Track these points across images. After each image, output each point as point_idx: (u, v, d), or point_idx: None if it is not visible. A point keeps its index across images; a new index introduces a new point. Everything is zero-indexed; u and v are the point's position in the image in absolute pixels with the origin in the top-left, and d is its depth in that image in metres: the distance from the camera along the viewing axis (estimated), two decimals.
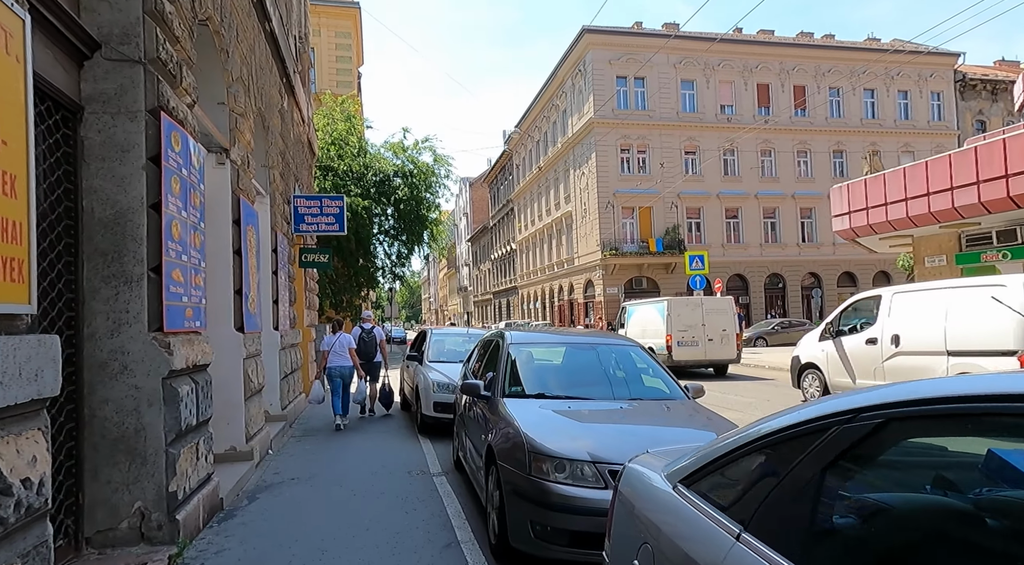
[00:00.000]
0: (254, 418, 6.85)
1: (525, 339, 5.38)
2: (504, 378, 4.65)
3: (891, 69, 39.78)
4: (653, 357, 5.18)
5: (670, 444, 3.43)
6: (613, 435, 3.64)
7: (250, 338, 6.84)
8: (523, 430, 3.73)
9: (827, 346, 10.76)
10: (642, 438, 3.52)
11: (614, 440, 3.53)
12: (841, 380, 10.30)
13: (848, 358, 10.18)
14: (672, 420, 4.07)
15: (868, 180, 16.92)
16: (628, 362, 5.05)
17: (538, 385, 4.67)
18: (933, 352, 8.83)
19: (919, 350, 9.06)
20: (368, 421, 10.35)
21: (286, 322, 9.76)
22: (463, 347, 9.91)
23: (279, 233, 9.51)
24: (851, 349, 10.19)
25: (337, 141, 27.97)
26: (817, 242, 39.52)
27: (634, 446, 3.39)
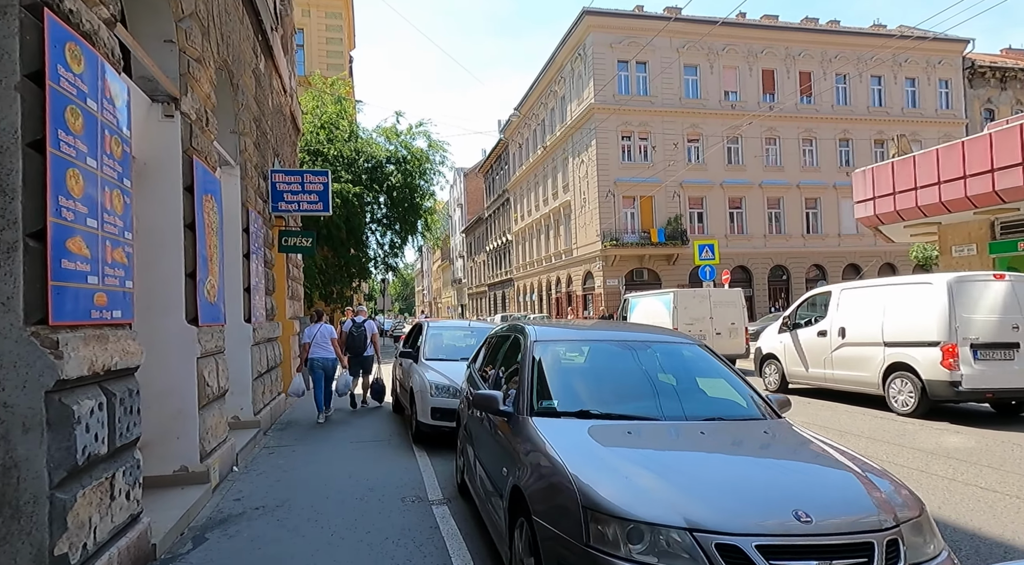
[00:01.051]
0: (213, 430, 5.61)
1: (553, 335, 4.18)
2: (531, 389, 3.44)
3: (899, 55, 38.65)
4: (716, 355, 3.98)
5: (809, 499, 2.24)
6: (715, 482, 2.40)
7: (208, 332, 5.60)
8: (570, 470, 2.52)
9: (785, 338, 11.47)
10: (763, 488, 2.35)
11: (720, 491, 2.30)
12: (796, 369, 11.13)
13: (802, 349, 10.93)
14: (783, 453, 2.85)
15: (896, 163, 15.76)
16: (688, 365, 3.85)
17: (578, 398, 3.45)
18: (873, 343, 9.70)
19: (861, 341, 9.91)
20: (358, 418, 9.21)
21: (260, 313, 8.51)
22: (464, 342, 8.70)
23: (252, 211, 8.24)
24: (805, 340, 10.94)
25: (327, 125, 26.59)
26: (822, 233, 38.47)
27: (758, 503, 2.20)
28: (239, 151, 7.83)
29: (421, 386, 7.16)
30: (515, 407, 3.42)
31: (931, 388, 8.69)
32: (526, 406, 3.35)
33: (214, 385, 5.67)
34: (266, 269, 9.20)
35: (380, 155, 27.99)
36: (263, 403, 8.40)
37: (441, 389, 6.97)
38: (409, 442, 7.37)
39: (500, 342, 5.02)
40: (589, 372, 3.79)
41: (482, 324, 9.51)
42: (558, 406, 3.37)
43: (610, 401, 3.41)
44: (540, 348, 3.83)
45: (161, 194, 5.21)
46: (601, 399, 3.44)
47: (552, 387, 3.57)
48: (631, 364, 3.70)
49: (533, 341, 3.89)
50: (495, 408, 3.45)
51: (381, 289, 37.26)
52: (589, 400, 3.44)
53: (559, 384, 3.63)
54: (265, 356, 8.67)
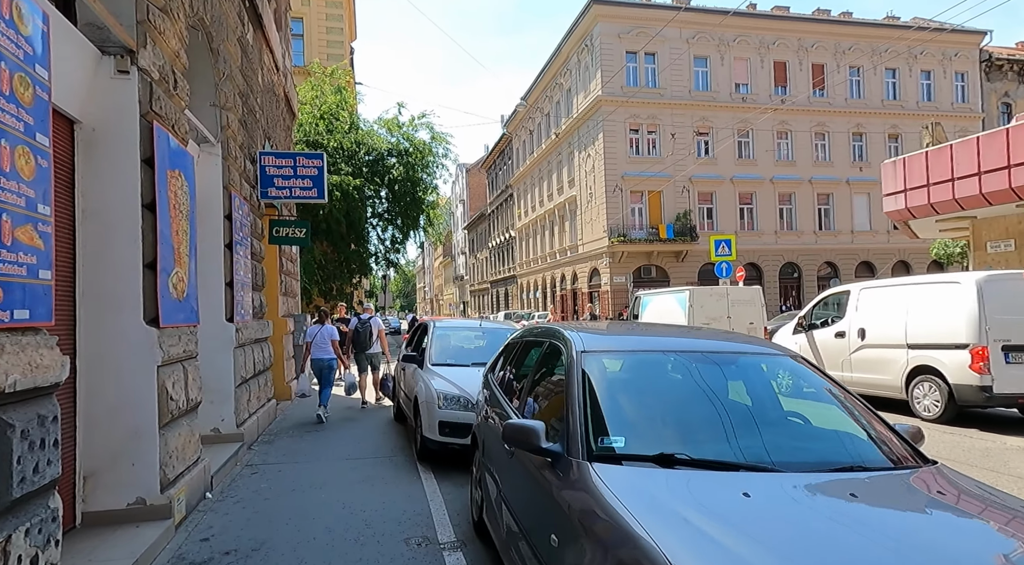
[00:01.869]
0: (179, 452, 4.67)
1: (605, 344, 3.23)
2: (584, 421, 2.47)
3: (914, 48, 37.61)
4: (819, 370, 3.04)
5: None
6: None
7: (173, 335, 4.66)
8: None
9: (800, 339, 11.04)
10: None
11: None
12: None
13: (819, 350, 10.55)
14: (999, 542, 1.91)
15: (930, 153, 14.78)
16: (786, 385, 2.91)
17: (654, 435, 2.50)
18: (895, 345, 9.33)
19: (882, 343, 9.55)
20: (356, 427, 8.37)
21: (246, 311, 7.57)
22: (474, 343, 7.77)
23: (237, 196, 7.30)
24: (822, 342, 10.59)
25: (326, 115, 25.63)
26: (834, 230, 37.47)
27: None
28: (220, 127, 6.88)
29: (427, 396, 6.22)
30: (564, 446, 2.47)
31: (959, 393, 8.30)
32: (580, 445, 2.40)
33: (180, 398, 4.73)
34: (253, 262, 8.27)
35: (381, 147, 27.08)
36: (248, 412, 7.47)
37: (451, 400, 6.02)
38: (413, 460, 6.43)
39: (528, 349, 4.07)
40: (661, 396, 2.81)
41: (495, 325, 8.56)
42: (626, 446, 2.42)
43: (699, 439, 2.46)
44: (591, 362, 2.88)
45: (113, 166, 4.27)
46: (685, 436, 2.50)
47: (614, 418, 2.63)
48: (715, 385, 2.77)
49: (580, 352, 2.94)
50: (535, 445, 2.50)
51: (382, 286, 36.30)
52: (669, 438, 2.50)
53: (624, 414, 2.68)
54: (252, 359, 7.74)
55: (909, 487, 2.21)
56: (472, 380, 6.20)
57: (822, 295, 11.26)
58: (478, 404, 4.94)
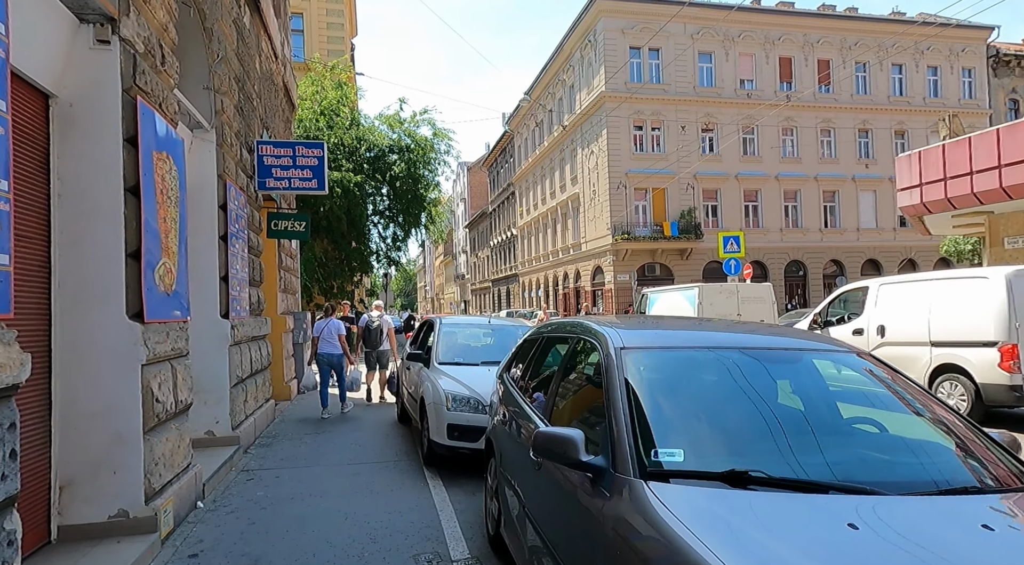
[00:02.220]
0: (166, 458, 4.29)
1: (647, 340, 2.78)
2: (631, 431, 2.08)
3: (920, 43, 37.18)
4: (894, 370, 2.65)
5: None
6: None
7: (160, 331, 4.28)
8: None
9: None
10: None
11: None
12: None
13: None
14: None
15: (947, 146, 14.38)
16: (863, 388, 2.52)
17: (718, 447, 2.09)
18: (917, 343, 9.06)
19: (903, 341, 9.28)
20: (359, 428, 8.05)
21: (243, 307, 7.19)
22: (482, 341, 7.38)
23: (232, 185, 6.91)
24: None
25: (326, 111, 25.25)
26: (840, 227, 37.06)
27: None
28: (215, 111, 6.49)
29: (435, 397, 5.83)
30: (609, 459, 2.08)
31: (987, 392, 8.00)
32: (630, 459, 2.00)
33: (168, 400, 4.34)
34: (251, 256, 7.88)
35: (383, 143, 26.72)
36: (245, 413, 7.08)
37: (460, 401, 5.64)
38: (419, 465, 6.04)
39: (549, 347, 3.68)
40: (718, 400, 2.41)
41: (504, 321, 8.17)
42: (686, 461, 2.03)
43: (771, 453, 2.06)
44: (632, 360, 2.48)
45: (92, 145, 3.88)
46: (754, 448, 2.09)
47: (666, 426, 2.22)
48: (778, 387, 2.38)
49: (618, 349, 2.54)
50: (573, 459, 2.11)
51: (383, 284, 35.93)
52: (735, 450, 2.10)
53: (677, 421, 2.28)
54: (248, 357, 7.36)
55: None
56: (482, 380, 5.82)
57: (838, 291, 10.97)
58: (491, 406, 4.55)
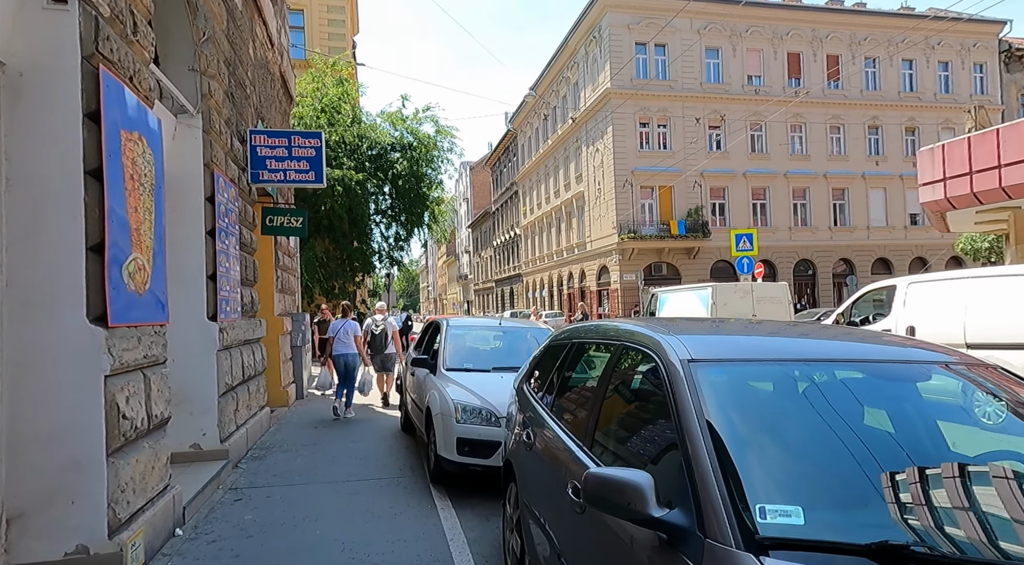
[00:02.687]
0: (136, 483, 3.74)
1: (723, 350, 2.25)
2: (724, 484, 1.52)
3: (931, 38, 36.55)
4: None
5: None
6: None
7: (129, 336, 3.73)
8: None
9: None
10: None
11: None
12: None
13: None
14: None
15: (973, 138, 13.77)
16: (993, 411, 1.97)
17: (850, 507, 1.48)
18: (951, 345, 7.72)
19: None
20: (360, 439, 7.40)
21: (233, 309, 6.64)
22: (494, 345, 6.83)
23: (221, 176, 6.36)
24: None
25: (327, 108, 24.73)
26: (850, 225, 36.43)
27: None
28: (201, 95, 5.94)
29: (442, 407, 5.28)
30: (694, 518, 1.51)
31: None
32: (725, 521, 1.42)
33: (138, 415, 3.79)
34: (243, 254, 7.34)
35: (385, 141, 26.19)
36: (236, 424, 6.53)
37: (471, 413, 5.08)
38: (426, 482, 5.49)
39: (580, 355, 3.12)
40: (841, 436, 1.78)
41: (517, 323, 7.61)
42: (809, 525, 1.44)
43: (928, 514, 1.49)
44: (709, 378, 1.92)
45: (47, 121, 3.34)
46: (895, 506, 1.51)
47: (772, 473, 1.66)
48: (904, 415, 1.83)
49: (685, 361, 1.98)
50: (643, 515, 1.54)
51: (385, 285, 35.42)
52: (873, 509, 1.51)
53: (790, 466, 1.71)
54: (240, 363, 6.81)
55: None
56: (495, 388, 5.27)
57: (863, 290, 10.45)
58: (509, 420, 4.00)
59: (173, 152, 5.80)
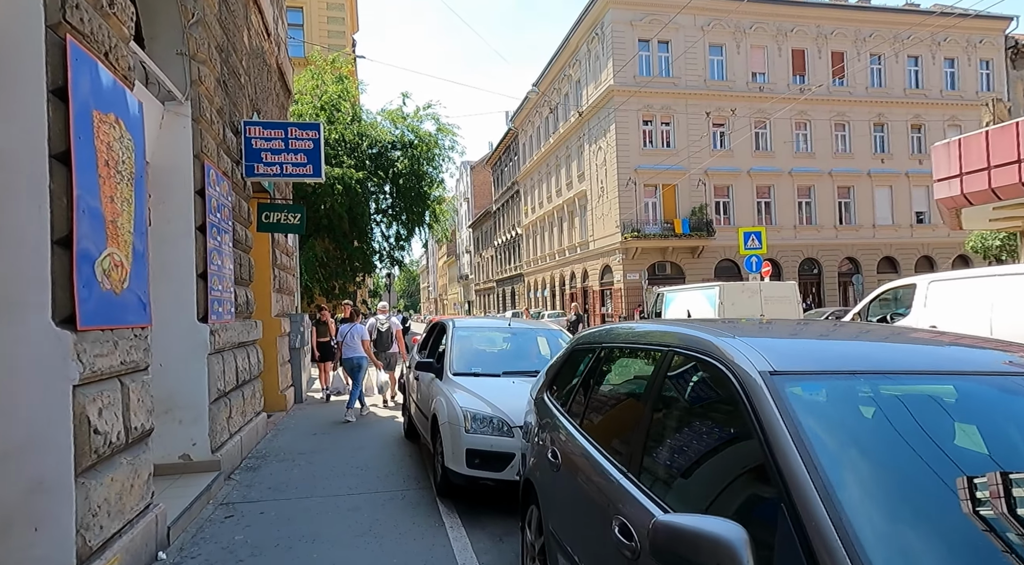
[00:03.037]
0: (110, 505, 3.34)
1: (816, 361, 1.77)
2: (849, 544, 1.12)
3: (937, 34, 36.16)
4: None
5: None
6: None
7: (102, 340, 3.34)
8: None
9: None
10: None
11: None
12: None
13: None
14: None
15: (991, 132, 13.40)
16: None
17: None
18: None
19: None
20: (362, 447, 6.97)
21: (226, 309, 6.25)
22: (504, 347, 6.43)
23: (212, 168, 5.97)
24: None
25: (327, 106, 24.34)
26: (855, 224, 36.01)
27: None
28: (190, 81, 5.56)
29: (450, 415, 4.88)
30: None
31: None
32: None
33: (114, 428, 3.40)
34: (238, 251, 6.95)
35: (385, 139, 25.81)
36: (229, 432, 6.14)
37: (481, 421, 4.69)
38: (432, 496, 5.09)
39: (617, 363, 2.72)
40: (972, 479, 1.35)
41: (527, 324, 7.20)
42: None
43: None
44: (806, 399, 1.52)
45: (5, 98, 2.95)
46: None
47: (924, 538, 1.26)
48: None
49: (767, 374, 1.59)
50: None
51: (386, 285, 35.05)
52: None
53: (924, 520, 1.29)
54: (234, 367, 6.42)
55: None
56: (507, 394, 4.88)
57: (881, 289, 10.05)
58: (526, 432, 3.60)
59: (160, 142, 5.42)
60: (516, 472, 4.43)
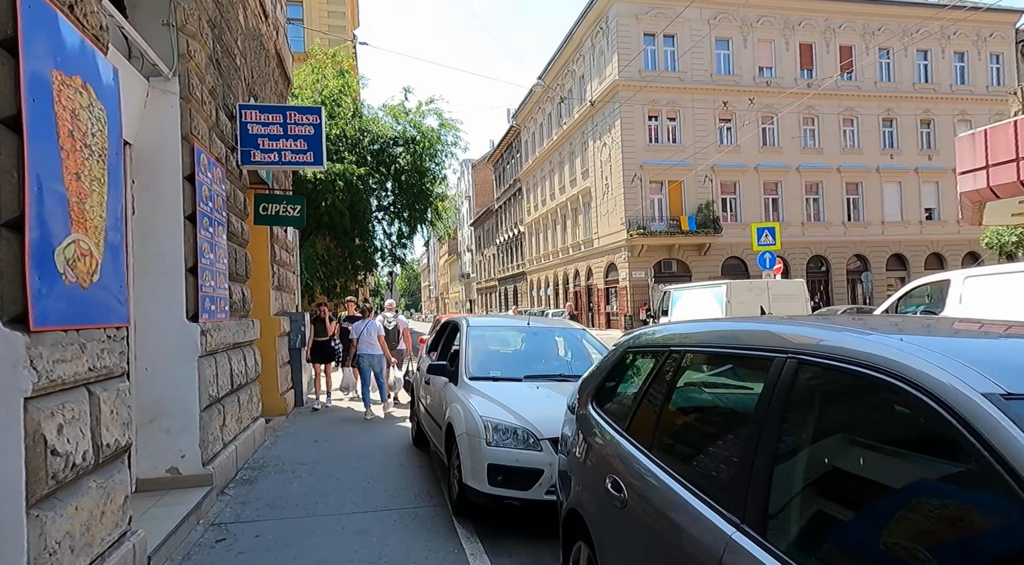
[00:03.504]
0: (73, 540, 2.82)
1: None
2: None
3: (946, 28, 35.60)
4: None
5: None
6: None
7: (63, 343, 2.81)
8: None
9: None
10: None
11: None
12: None
13: None
14: None
15: (1020, 122, 12.86)
16: None
17: None
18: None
19: None
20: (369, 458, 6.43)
21: (219, 307, 5.72)
22: (523, 348, 5.90)
23: (203, 152, 5.44)
24: None
25: (327, 101, 23.81)
26: (864, 220, 35.46)
27: None
28: (177, 55, 5.03)
29: (468, 425, 4.35)
30: None
31: None
32: None
33: (78, 448, 2.87)
34: (232, 245, 6.42)
35: (387, 134, 25.28)
36: (223, 442, 5.62)
37: (504, 433, 4.16)
38: (448, 514, 4.57)
39: (705, 375, 2.18)
40: None
41: (547, 322, 6.66)
42: None
43: None
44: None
45: None
46: None
47: None
48: None
49: (998, 399, 1.08)
50: None
51: (388, 283, 34.52)
52: None
53: None
54: (228, 370, 5.89)
55: None
56: (532, 401, 4.36)
57: (910, 286, 9.59)
58: (563, 445, 3.08)
59: (146, 122, 4.90)
60: (545, 490, 3.91)
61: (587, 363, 4.98)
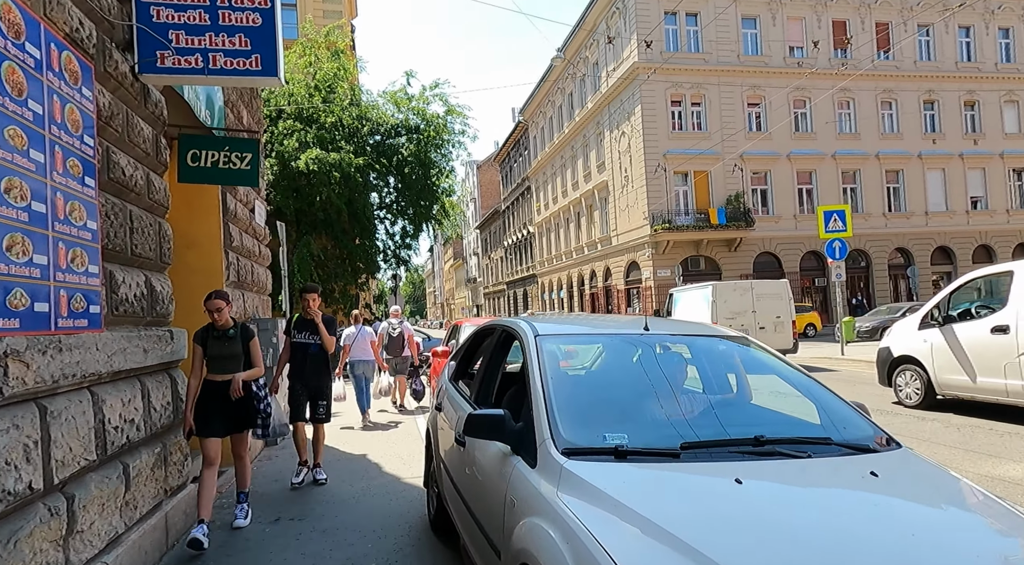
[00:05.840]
0: None
1: None
2: None
3: (990, 2, 32.96)
4: None
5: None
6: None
7: None
8: None
9: (932, 335, 8.75)
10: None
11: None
12: (954, 377, 8.39)
13: (965, 351, 8.33)
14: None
15: None
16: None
17: None
18: None
19: None
20: (357, 522, 3.79)
21: (67, 306, 3.03)
22: (630, 375, 3.17)
23: (39, 23, 2.77)
24: (969, 339, 8.28)
25: (321, 85, 21.23)
26: (906, 211, 32.69)
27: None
28: None
29: None
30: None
31: None
32: None
33: None
34: (116, 201, 3.74)
35: (388, 123, 22.66)
36: (97, 549, 2.92)
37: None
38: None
39: None
40: None
41: (678, 327, 3.73)
42: None
43: None
44: None
45: None
46: None
47: None
48: None
49: None
50: None
51: (392, 287, 31.86)
52: None
53: None
54: (89, 424, 3.20)
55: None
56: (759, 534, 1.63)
57: (965, 278, 8.64)
58: None
59: None
60: None
61: (806, 407, 2.28)
